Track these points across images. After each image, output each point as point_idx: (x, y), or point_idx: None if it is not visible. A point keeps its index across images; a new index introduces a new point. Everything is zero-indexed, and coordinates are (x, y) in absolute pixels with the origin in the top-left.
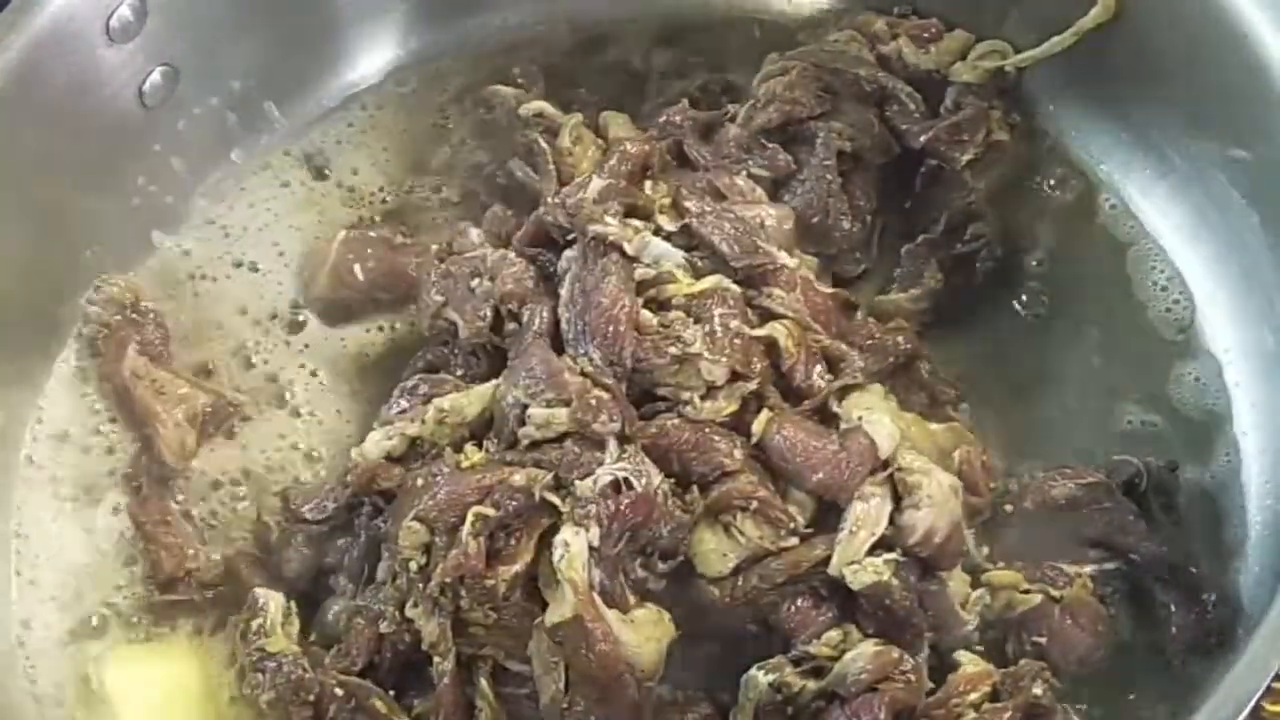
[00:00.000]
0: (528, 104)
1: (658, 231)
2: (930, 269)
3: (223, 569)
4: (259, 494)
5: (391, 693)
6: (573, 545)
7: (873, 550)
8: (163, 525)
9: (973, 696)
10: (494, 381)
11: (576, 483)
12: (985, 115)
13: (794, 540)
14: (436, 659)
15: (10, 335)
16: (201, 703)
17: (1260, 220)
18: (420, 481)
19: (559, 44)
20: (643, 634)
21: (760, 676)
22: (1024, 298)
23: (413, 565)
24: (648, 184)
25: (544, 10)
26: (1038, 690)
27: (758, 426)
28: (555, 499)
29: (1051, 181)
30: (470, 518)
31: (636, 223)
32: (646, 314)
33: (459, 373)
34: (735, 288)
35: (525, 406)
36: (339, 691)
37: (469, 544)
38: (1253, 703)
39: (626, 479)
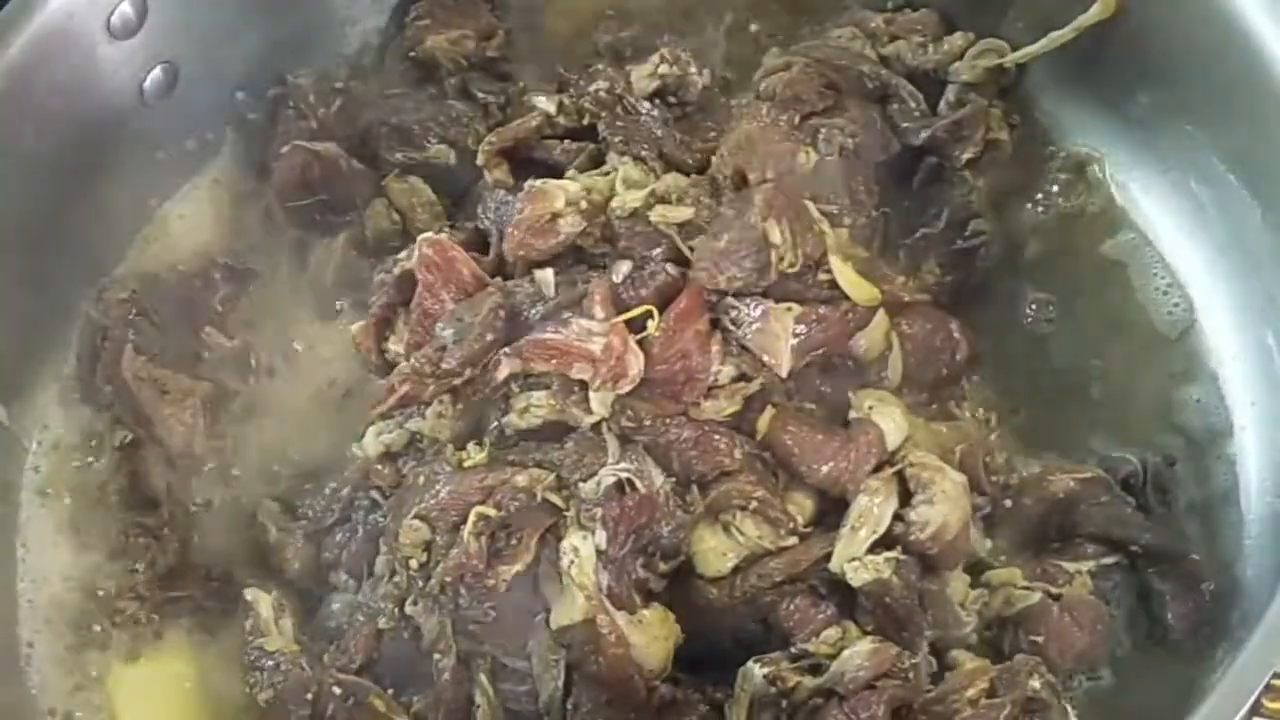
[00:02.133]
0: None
1: None
2: (928, 264)
3: (222, 564)
4: (258, 491)
5: (390, 690)
6: (582, 550)
7: (873, 549)
8: (167, 516)
9: (970, 692)
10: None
11: (580, 485)
12: (985, 113)
13: (793, 540)
14: (437, 656)
15: (12, 339)
16: (200, 701)
17: (1261, 217)
18: (421, 479)
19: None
20: (650, 634)
21: (756, 669)
22: (1023, 296)
23: (413, 563)
24: None
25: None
26: (1035, 684)
27: (762, 424)
28: (558, 499)
29: (1051, 179)
30: (472, 517)
31: None
32: None
33: None
34: None
35: None
36: (337, 690)
37: (470, 543)
38: (1253, 699)
39: (630, 479)
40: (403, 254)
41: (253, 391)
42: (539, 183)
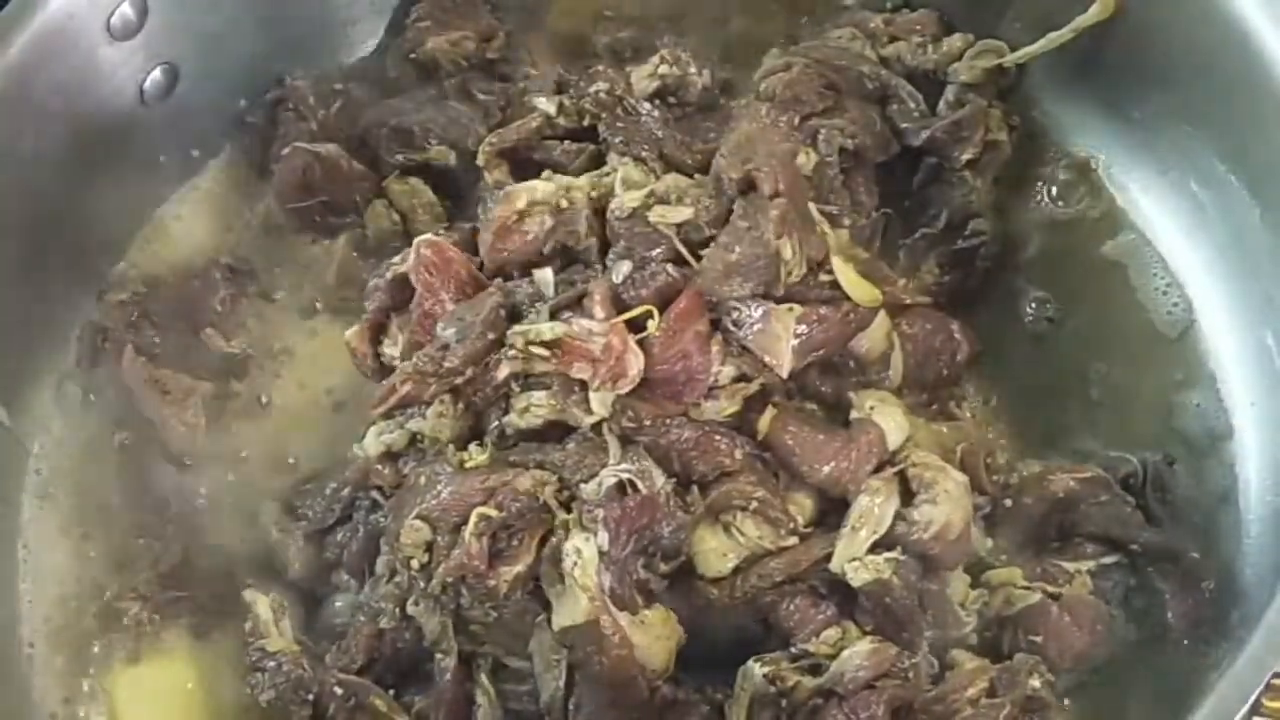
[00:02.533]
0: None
1: None
2: (927, 264)
3: (223, 565)
4: (259, 491)
5: (391, 690)
6: (585, 552)
7: (874, 549)
8: (168, 517)
9: (970, 692)
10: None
11: (582, 486)
12: (984, 114)
13: (794, 540)
14: (439, 656)
15: (13, 340)
16: (201, 703)
17: (1260, 217)
18: (423, 480)
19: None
20: (652, 635)
21: (756, 668)
22: (1023, 297)
23: (414, 563)
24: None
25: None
26: (1035, 684)
27: (763, 424)
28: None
29: (1051, 180)
30: (473, 518)
31: None
32: None
33: None
34: None
35: None
36: (338, 690)
37: (471, 544)
38: (1252, 699)
39: (631, 480)
40: (395, 258)
41: (253, 392)
42: (511, 186)
